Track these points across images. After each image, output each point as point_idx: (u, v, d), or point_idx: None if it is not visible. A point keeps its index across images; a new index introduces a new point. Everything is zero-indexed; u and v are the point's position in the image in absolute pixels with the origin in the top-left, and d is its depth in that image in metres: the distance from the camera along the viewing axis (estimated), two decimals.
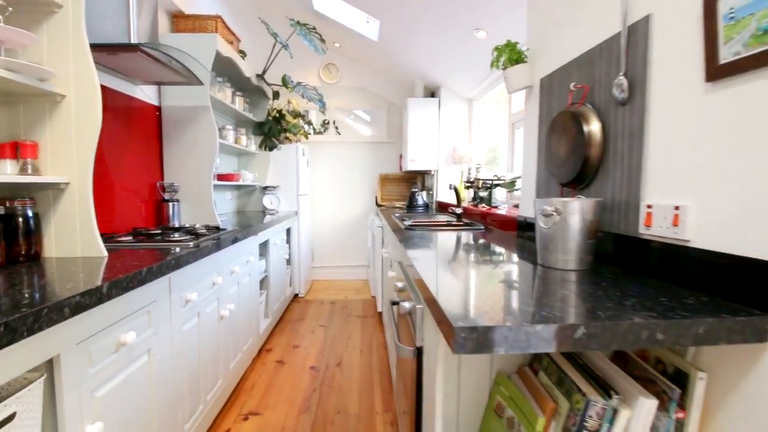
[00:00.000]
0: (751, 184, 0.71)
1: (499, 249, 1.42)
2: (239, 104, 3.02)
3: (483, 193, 2.62)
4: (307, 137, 4.13)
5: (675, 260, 0.87)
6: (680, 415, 0.78)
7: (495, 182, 2.52)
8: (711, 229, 0.80)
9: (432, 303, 0.81)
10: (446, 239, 1.66)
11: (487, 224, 2.23)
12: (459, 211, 2.49)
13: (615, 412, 0.73)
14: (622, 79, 1.02)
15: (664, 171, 0.92)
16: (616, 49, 1.07)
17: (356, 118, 4.66)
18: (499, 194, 2.73)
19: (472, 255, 1.30)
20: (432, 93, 4.12)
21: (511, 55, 1.64)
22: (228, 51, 2.50)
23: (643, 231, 0.97)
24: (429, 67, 3.64)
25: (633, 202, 1.00)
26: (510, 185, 2.34)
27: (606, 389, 0.77)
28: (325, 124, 4.57)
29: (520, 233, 1.72)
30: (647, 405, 0.73)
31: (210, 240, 1.74)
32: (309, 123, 4.16)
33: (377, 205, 4.47)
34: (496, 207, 2.47)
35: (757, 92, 0.70)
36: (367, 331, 3.07)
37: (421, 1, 2.56)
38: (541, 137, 1.52)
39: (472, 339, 0.64)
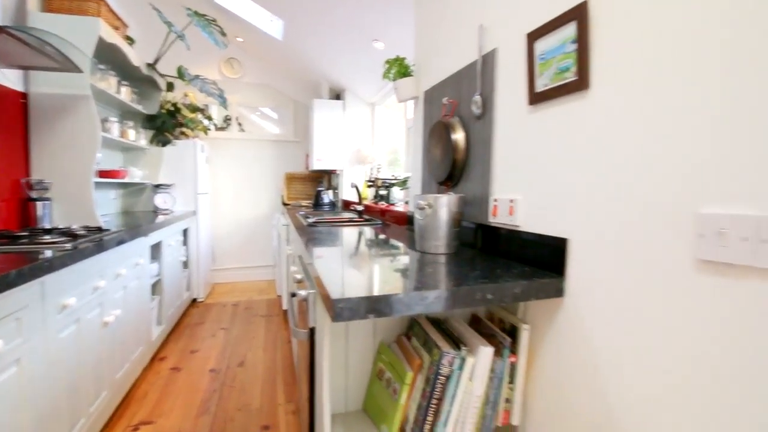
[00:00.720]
0: (549, 181, 0.97)
1: (388, 240, 1.59)
2: (126, 95, 2.78)
3: (383, 192, 2.83)
4: (206, 133, 3.94)
5: (511, 241, 1.12)
6: (513, 359, 1.01)
7: (392, 181, 2.74)
8: (530, 215, 1.05)
9: (319, 284, 0.92)
10: (344, 234, 1.80)
11: (385, 220, 2.42)
12: (360, 208, 2.65)
13: (464, 360, 0.93)
14: (478, 98, 1.26)
15: (504, 171, 1.17)
16: (474, 73, 1.31)
17: (262, 115, 4.57)
18: (398, 192, 2.97)
19: (364, 245, 1.45)
20: (337, 95, 4.24)
21: (400, 69, 1.84)
22: (112, 37, 2.31)
23: (491, 220, 1.21)
24: (333, 71, 3.77)
25: (485, 197, 1.25)
26: (402, 184, 2.58)
27: (458, 344, 0.96)
28: (227, 120, 4.40)
29: (410, 226, 1.94)
30: (486, 352, 0.94)
31: (90, 242, 1.61)
32: (209, 118, 3.97)
33: (283, 204, 4.44)
34: (394, 204, 2.69)
35: (557, 113, 0.96)
36: (271, 329, 3.07)
37: (323, 8, 2.67)
38: (424, 142, 1.74)
39: (348, 308, 0.77)
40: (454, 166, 1.38)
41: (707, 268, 0.62)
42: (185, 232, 3.51)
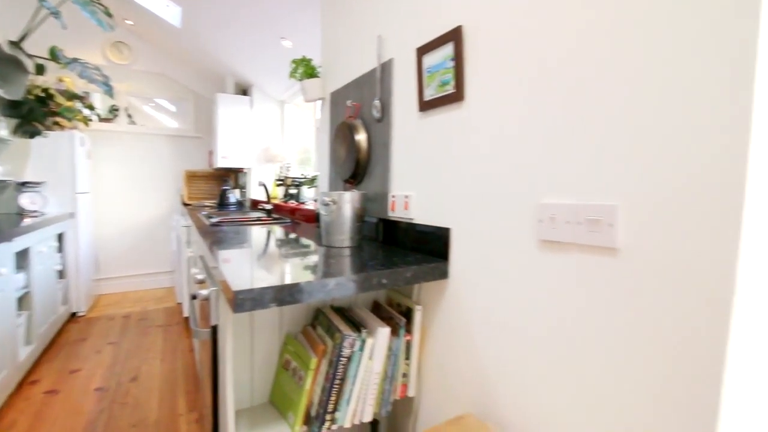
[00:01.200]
0: (436, 179, 1.11)
1: (296, 237, 1.62)
2: None
3: (293, 191, 2.82)
4: (87, 124, 3.48)
5: (407, 233, 1.25)
6: (408, 337, 1.13)
7: (302, 180, 2.75)
8: (422, 209, 1.18)
9: (221, 280, 0.93)
10: (251, 233, 1.77)
11: (295, 218, 2.43)
12: (269, 207, 2.61)
13: (364, 341, 1.02)
14: (378, 102, 1.37)
15: (400, 170, 1.29)
16: (374, 79, 1.41)
17: (158, 107, 4.19)
18: (309, 191, 2.99)
19: (270, 243, 1.46)
20: (244, 90, 4.08)
21: (306, 70, 1.88)
22: None
23: (390, 214, 1.33)
24: (239, 65, 3.62)
25: (385, 193, 1.36)
26: (311, 182, 2.61)
27: (359, 328, 1.05)
28: (114, 110, 3.93)
29: (318, 224, 1.98)
30: (383, 332, 1.04)
31: None
32: (90, 107, 3.52)
33: (184, 204, 4.13)
34: (304, 203, 2.70)
35: (441, 120, 1.10)
36: (170, 339, 2.85)
37: (226, 0, 2.57)
38: (331, 142, 1.81)
39: (250, 299, 0.80)
40: (357, 164, 1.47)
41: (545, 245, 0.79)
42: (61, 237, 3.06)
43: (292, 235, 1.66)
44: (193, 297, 1.35)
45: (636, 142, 0.64)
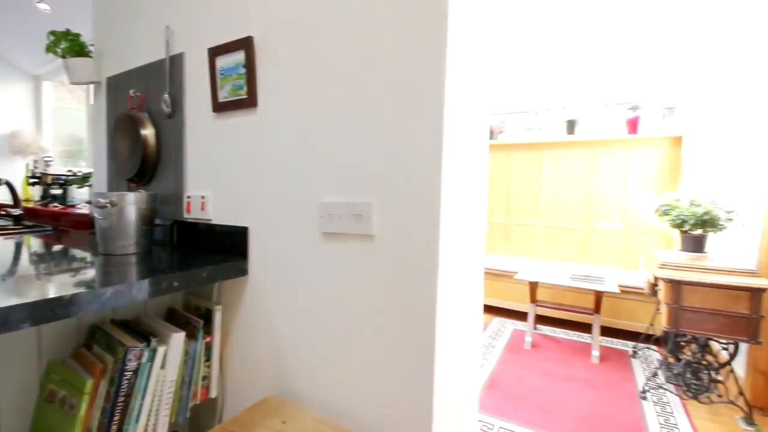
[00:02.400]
0: (233, 180, 1.14)
1: (62, 248, 1.35)
2: None
3: (56, 191, 2.27)
4: None
5: (205, 234, 1.23)
6: (208, 339, 1.12)
7: (69, 178, 2.25)
8: (220, 210, 1.19)
9: None
10: None
11: (60, 225, 1.97)
12: (18, 212, 2.04)
13: (154, 351, 0.96)
14: (167, 97, 1.28)
15: (196, 170, 1.25)
16: (163, 71, 1.31)
17: None
18: (82, 191, 2.46)
19: (23, 258, 1.17)
20: None
21: (73, 46, 1.57)
22: None
23: (187, 216, 1.27)
24: None
25: (179, 194, 1.29)
26: (82, 181, 2.18)
27: (148, 338, 0.98)
28: None
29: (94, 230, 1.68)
30: (177, 338, 1.00)
31: None
32: None
33: None
34: (73, 206, 2.21)
35: (237, 123, 1.13)
36: None
37: None
38: (110, 135, 1.57)
39: None
40: (144, 162, 1.34)
41: (326, 237, 0.94)
42: None
43: (57, 247, 1.37)
44: None
45: (382, 152, 0.84)
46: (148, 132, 1.34)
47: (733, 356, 1.91)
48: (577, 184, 3.37)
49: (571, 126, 3.35)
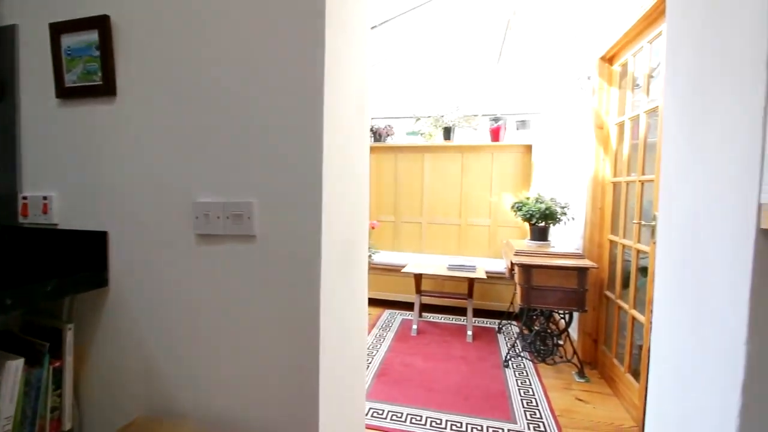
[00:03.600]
0: (88, 178, 1.00)
1: None
2: None
3: None
4: None
5: (50, 241, 1.05)
6: (57, 364, 0.96)
7: None
8: (70, 212, 1.03)
9: None
10: None
11: None
12: None
13: None
14: None
15: (36, 166, 1.06)
16: None
17: None
18: None
19: None
20: None
21: None
22: None
23: (22, 220, 1.07)
24: None
25: (12, 195, 1.08)
26: None
27: None
28: None
29: None
30: (12, 366, 0.84)
31: None
32: None
33: None
34: None
35: (91, 112, 0.99)
36: None
37: None
38: None
39: None
40: None
41: (203, 239, 0.90)
42: None
43: None
44: None
45: (264, 152, 0.84)
46: None
47: (568, 324, 2.36)
48: (454, 185, 3.76)
49: (447, 132, 3.71)
